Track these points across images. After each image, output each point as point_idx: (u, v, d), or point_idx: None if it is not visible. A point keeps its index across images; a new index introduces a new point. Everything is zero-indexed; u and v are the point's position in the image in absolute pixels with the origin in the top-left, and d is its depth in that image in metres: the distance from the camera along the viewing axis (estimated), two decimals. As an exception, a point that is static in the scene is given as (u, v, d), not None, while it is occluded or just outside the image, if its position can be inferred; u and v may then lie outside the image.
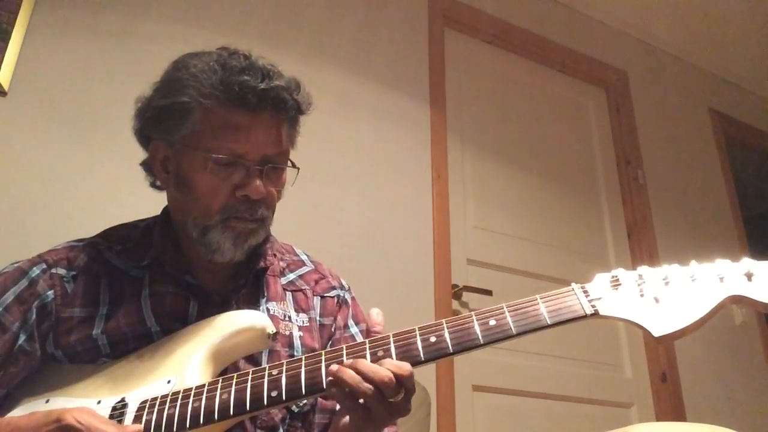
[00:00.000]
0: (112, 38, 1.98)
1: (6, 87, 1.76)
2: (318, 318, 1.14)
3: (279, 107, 1.02)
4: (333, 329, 1.15)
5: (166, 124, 1.03)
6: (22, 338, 0.97)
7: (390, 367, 0.82)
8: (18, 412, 0.94)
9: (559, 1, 3.20)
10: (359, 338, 1.15)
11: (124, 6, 2.03)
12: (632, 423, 2.46)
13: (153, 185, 1.13)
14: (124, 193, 1.80)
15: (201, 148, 1.00)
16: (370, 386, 0.81)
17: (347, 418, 0.89)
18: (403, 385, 0.83)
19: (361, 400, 0.82)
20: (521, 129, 2.85)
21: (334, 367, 0.84)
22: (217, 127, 0.99)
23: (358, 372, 0.82)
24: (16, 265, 1.03)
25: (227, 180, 1.00)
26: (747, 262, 0.83)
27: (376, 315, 0.92)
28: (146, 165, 1.12)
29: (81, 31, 1.94)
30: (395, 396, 0.82)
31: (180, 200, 1.06)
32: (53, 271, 1.02)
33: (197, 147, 1.00)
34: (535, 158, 2.82)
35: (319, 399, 1.08)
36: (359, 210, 2.22)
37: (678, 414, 2.56)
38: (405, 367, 0.83)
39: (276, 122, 1.03)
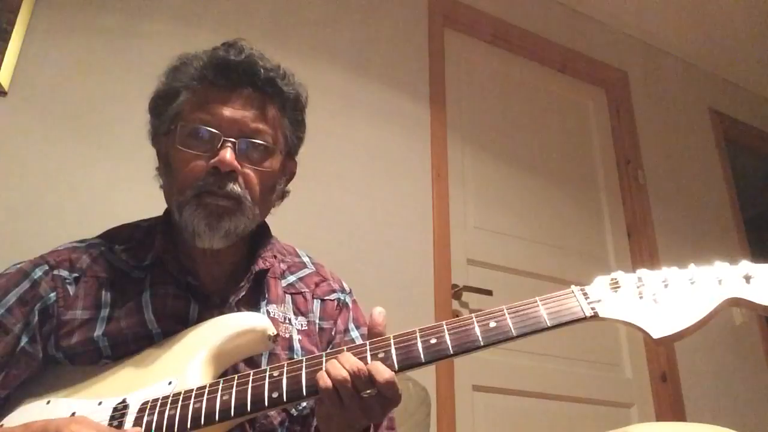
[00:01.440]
0: (112, 38, 1.98)
1: (6, 87, 1.76)
2: (317, 321, 1.14)
3: (253, 81, 1.04)
4: (333, 333, 1.14)
5: (160, 109, 1.07)
6: (24, 340, 0.97)
7: (369, 365, 0.84)
8: (19, 414, 0.94)
9: (559, 1, 3.20)
10: (359, 342, 1.15)
11: (124, 6, 2.03)
12: (632, 423, 2.47)
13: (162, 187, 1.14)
14: (124, 192, 1.80)
15: (178, 123, 1.03)
16: (345, 373, 0.83)
17: (324, 404, 0.89)
18: (376, 384, 0.83)
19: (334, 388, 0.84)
20: (521, 129, 2.85)
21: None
22: (197, 104, 1.03)
23: (338, 360, 0.85)
24: (18, 266, 1.03)
25: (201, 154, 1.01)
26: (745, 265, 0.84)
27: (377, 314, 0.92)
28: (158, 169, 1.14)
29: (81, 31, 1.94)
30: (365, 389, 0.83)
31: (167, 186, 1.08)
32: (55, 272, 1.02)
33: (176, 123, 1.03)
34: (535, 158, 2.83)
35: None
36: (359, 210, 2.23)
37: (678, 414, 2.57)
38: (384, 373, 0.83)
39: (257, 101, 1.05)
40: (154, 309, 1.03)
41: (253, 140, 1.03)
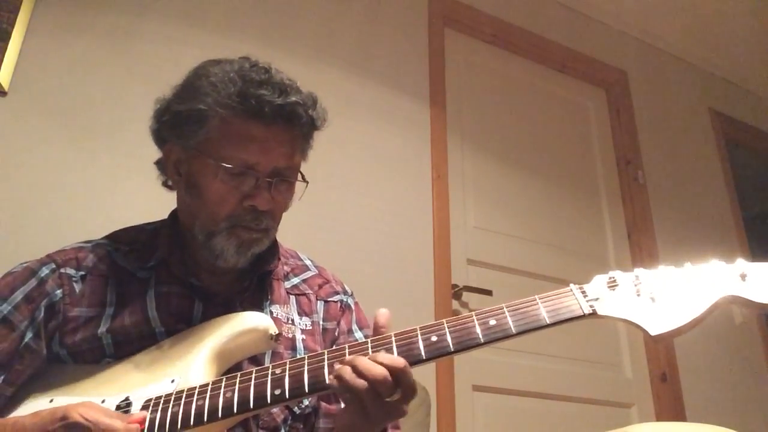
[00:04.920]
0: (112, 38, 1.98)
1: (6, 87, 1.76)
2: (321, 322, 1.15)
3: (293, 122, 1.03)
4: (336, 333, 1.16)
5: (182, 128, 1.04)
6: (28, 336, 0.98)
7: (384, 361, 0.82)
8: (22, 411, 0.95)
9: (559, 1, 3.20)
10: None
11: (124, 6, 2.04)
12: (632, 423, 2.47)
13: (165, 184, 1.15)
14: (124, 192, 1.80)
15: (213, 156, 1.01)
16: (364, 382, 0.81)
17: (347, 414, 0.90)
18: (399, 382, 0.82)
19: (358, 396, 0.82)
20: (521, 129, 2.85)
21: (338, 365, 0.85)
22: (232, 137, 1.01)
23: (354, 368, 0.83)
24: (25, 264, 1.05)
25: (236, 189, 1.02)
26: (741, 264, 0.85)
27: (381, 316, 0.92)
28: (160, 164, 1.13)
29: (81, 31, 1.94)
30: (390, 394, 0.82)
31: (189, 203, 1.08)
32: (62, 270, 1.04)
33: (210, 154, 1.01)
34: (535, 158, 2.83)
35: (323, 404, 1.09)
36: (359, 210, 2.23)
37: (678, 414, 2.57)
38: (399, 361, 0.83)
39: (289, 137, 1.04)
40: (158, 308, 1.04)
41: (286, 178, 1.06)
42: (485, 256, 2.50)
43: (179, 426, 0.86)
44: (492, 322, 0.87)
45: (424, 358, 0.86)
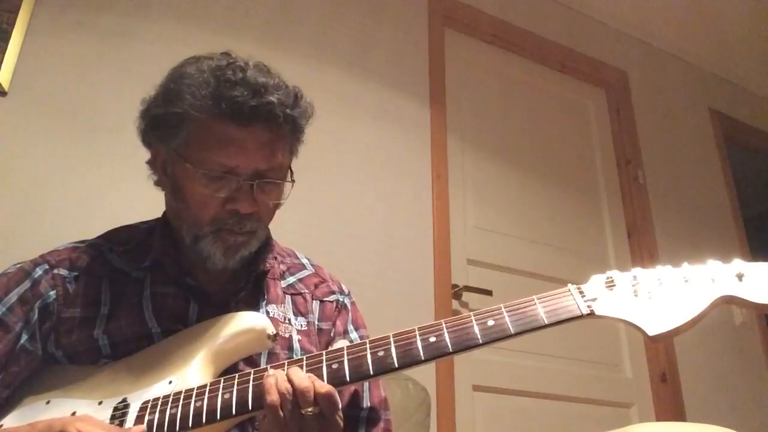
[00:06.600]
0: (112, 38, 1.98)
1: (6, 87, 1.76)
2: (316, 322, 1.14)
3: (270, 123, 1.00)
4: (332, 334, 1.15)
5: (162, 131, 1.04)
6: (24, 338, 0.98)
7: (314, 380, 0.83)
8: (18, 414, 0.95)
9: (559, 1, 3.20)
10: None
11: (124, 6, 2.04)
12: (632, 423, 2.46)
13: (156, 184, 1.14)
14: (123, 192, 1.80)
15: (192, 160, 0.99)
16: (289, 386, 0.83)
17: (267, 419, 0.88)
18: (319, 402, 0.82)
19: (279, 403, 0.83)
20: (521, 129, 2.85)
21: (272, 371, 0.87)
22: (208, 141, 0.99)
23: (287, 374, 0.85)
24: (18, 265, 1.04)
25: (218, 193, 1.00)
26: (738, 264, 0.85)
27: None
28: (151, 164, 1.13)
29: (81, 31, 1.94)
30: (306, 407, 0.82)
31: (174, 206, 1.07)
32: (55, 271, 1.03)
33: (188, 158, 1.00)
34: (535, 158, 2.83)
35: None
36: (359, 210, 2.23)
37: (678, 414, 2.57)
38: (324, 386, 0.83)
39: (269, 137, 1.01)
40: (154, 308, 1.03)
41: (270, 180, 1.03)
42: (485, 256, 2.50)
43: (177, 427, 0.86)
44: (490, 322, 0.87)
45: (422, 358, 0.86)
